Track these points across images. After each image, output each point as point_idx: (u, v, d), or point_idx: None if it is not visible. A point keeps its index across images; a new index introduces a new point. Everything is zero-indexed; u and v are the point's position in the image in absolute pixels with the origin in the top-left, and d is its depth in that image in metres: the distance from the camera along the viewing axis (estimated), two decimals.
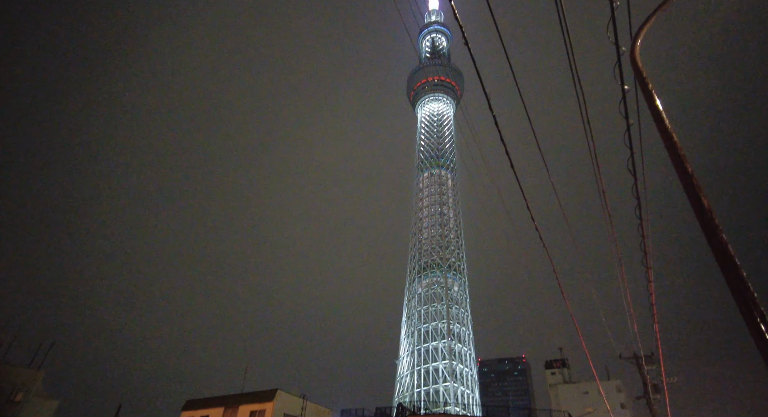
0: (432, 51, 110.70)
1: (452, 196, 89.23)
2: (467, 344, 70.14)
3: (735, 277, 4.47)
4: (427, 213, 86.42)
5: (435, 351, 67.33)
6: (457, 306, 73.37)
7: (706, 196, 5.32)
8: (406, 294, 79.94)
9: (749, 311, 4.03)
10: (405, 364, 70.13)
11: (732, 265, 4.50)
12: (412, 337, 71.50)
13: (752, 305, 4.13)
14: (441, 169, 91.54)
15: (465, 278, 78.88)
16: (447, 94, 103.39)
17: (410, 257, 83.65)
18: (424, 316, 72.34)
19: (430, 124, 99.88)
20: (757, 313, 3.93)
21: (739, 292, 4.27)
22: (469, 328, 73.12)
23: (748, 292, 4.13)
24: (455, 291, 75.45)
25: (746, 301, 4.16)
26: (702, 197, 5.25)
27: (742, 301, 4.27)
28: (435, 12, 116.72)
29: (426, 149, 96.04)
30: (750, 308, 4.07)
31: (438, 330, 69.22)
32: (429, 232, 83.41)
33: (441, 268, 76.45)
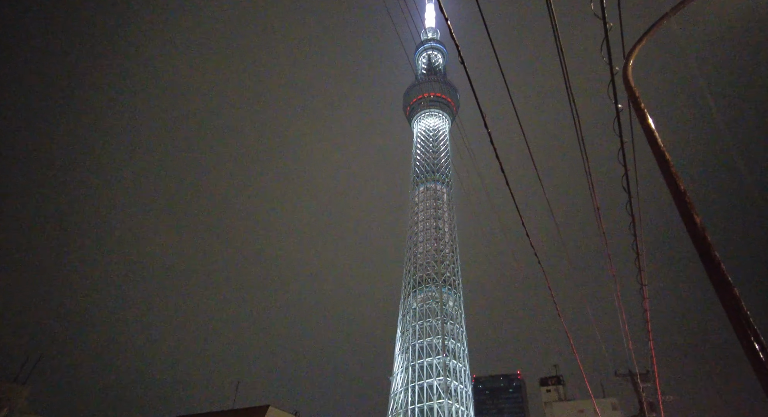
0: (428, 67, 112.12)
1: (447, 210, 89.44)
2: (462, 360, 69.51)
3: (728, 295, 4.49)
4: (422, 227, 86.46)
5: (429, 367, 66.63)
6: (452, 321, 72.91)
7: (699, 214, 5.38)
8: (401, 309, 79.42)
9: (742, 329, 4.04)
10: (399, 380, 69.29)
11: (725, 283, 4.52)
12: (406, 352, 70.80)
13: (745, 323, 4.15)
14: (436, 184, 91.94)
15: (460, 293, 78.57)
16: (443, 109, 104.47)
17: (405, 271, 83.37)
18: (419, 331, 71.76)
19: (425, 139, 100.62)
20: (750, 332, 3.95)
21: (733, 310, 4.29)
22: (464, 344, 72.56)
23: (741, 310, 4.15)
24: (450, 306, 75.05)
25: (739, 318, 4.18)
26: (694, 215, 5.30)
27: (736, 318, 4.28)
28: (431, 30, 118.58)
29: (422, 164, 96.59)
30: (743, 327, 4.09)
31: (433, 346, 68.62)
32: (424, 246, 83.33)
33: (436, 282, 76.19)
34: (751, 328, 3.98)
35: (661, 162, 5.83)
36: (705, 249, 4.98)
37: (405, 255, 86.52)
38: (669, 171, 5.76)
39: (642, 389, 23.05)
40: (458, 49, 5.04)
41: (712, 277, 4.74)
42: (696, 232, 5.18)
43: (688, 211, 5.30)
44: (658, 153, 5.83)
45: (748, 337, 3.93)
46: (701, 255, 5.03)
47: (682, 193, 5.51)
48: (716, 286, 4.65)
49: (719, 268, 4.66)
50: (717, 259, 4.79)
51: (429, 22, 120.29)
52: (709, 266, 4.83)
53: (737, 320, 4.24)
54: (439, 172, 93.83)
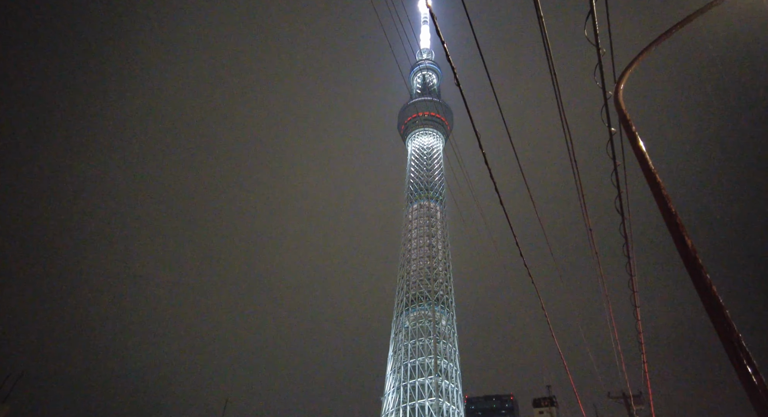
0: (423, 87, 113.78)
1: (441, 228, 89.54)
2: (455, 381, 68.63)
3: (720, 318, 4.52)
4: (415, 245, 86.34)
5: (422, 387, 65.68)
6: (445, 341, 72.23)
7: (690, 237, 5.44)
8: (393, 327, 78.64)
9: (734, 351, 4.06)
10: (390, 400, 68.15)
11: (716, 305, 4.56)
12: (398, 372, 69.84)
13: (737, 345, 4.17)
14: (430, 201, 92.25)
15: (453, 312, 78.06)
16: (437, 128, 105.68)
17: (398, 289, 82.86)
18: (411, 350, 70.95)
19: (419, 156, 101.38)
20: (743, 355, 3.96)
21: (725, 333, 4.31)
22: (457, 364, 71.76)
23: (733, 332, 4.18)
24: (443, 325, 74.47)
25: (731, 341, 4.20)
26: (685, 237, 5.37)
27: (728, 340, 4.31)
28: (426, 51, 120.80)
29: (415, 181, 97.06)
30: (735, 349, 4.11)
31: (425, 365, 67.79)
32: (417, 264, 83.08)
33: (429, 301, 75.72)
34: (743, 351, 4.00)
35: (652, 184, 5.92)
36: (696, 271, 5.03)
37: (398, 273, 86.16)
38: (660, 193, 5.85)
39: (635, 412, 22.85)
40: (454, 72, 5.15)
41: (704, 299, 4.78)
42: (687, 254, 5.24)
43: (679, 232, 5.37)
44: (650, 175, 5.93)
45: (741, 359, 3.95)
46: (692, 276, 5.07)
47: (673, 214, 5.59)
48: (708, 308, 4.69)
49: (710, 290, 4.70)
50: (708, 280, 4.84)
51: (424, 43, 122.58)
52: (700, 287, 4.87)
53: (729, 342, 4.26)
54: (432, 190, 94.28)
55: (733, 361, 4.05)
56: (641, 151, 5.78)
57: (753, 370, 3.84)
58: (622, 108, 6.48)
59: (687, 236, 5.36)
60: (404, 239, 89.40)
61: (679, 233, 5.35)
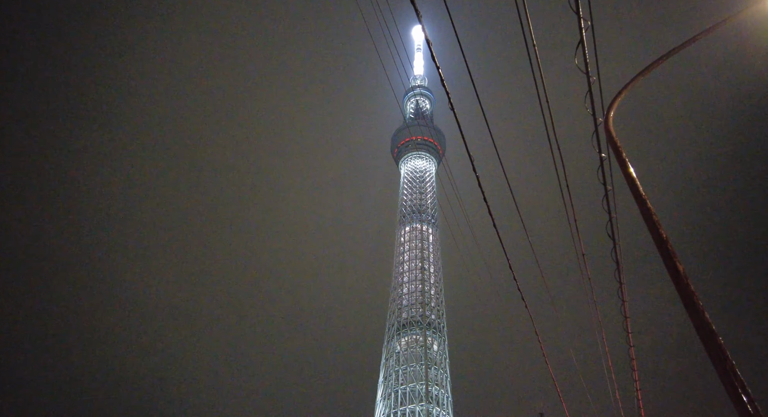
0: (416, 112, 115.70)
1: (434, 251, 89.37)
2: (446, 408, 67.24)
3: (713, 344, 4.50)
4: (407, 268, 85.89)
5: (412, 414, 64.22)
6: (437, 367, 71.10)
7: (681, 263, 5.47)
8: (384, 352, 77.36)
9: (729, 379, 4.03)
10: None
11: (710, 331, 4.54)
12: (388, 399, 68.35)
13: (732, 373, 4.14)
14: (423, 224, 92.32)
15: (445, 337, 77.11)
16: (429, 152, 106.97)
17: (389, 314, 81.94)
18: (402, 376, 69.68)
19: (412, 180, 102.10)
20: (737, 383, 3.93)
21: (718, 359, 4.28)
22: (448, 390, 70.45)
23: (726, 360, 4.15)
24: (435, 351, 73.44)
25: (725, 368, 4.17)
26: (677, 263, 5.39)
27: (721, 368, 4.27)
28: (420, 77, 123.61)
29: (408, 204, 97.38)
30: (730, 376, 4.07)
31: (416, 392, 66.48)
32: (409, 287, 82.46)
33: (421, 325, 74.85)
34: (738, 379, 3.97)
35: (643, 210, 5.98)
36: (688, 297, 5.03)
37: (389, 296, 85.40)
38: (651, 219, 5.90)
39: None
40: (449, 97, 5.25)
41: (696, 325, 4.76)
42: (679, 280, 5.25)
43: (671, 259, 5.40)
44: (640, 201, 6.00)
45: (735, 387, 3.91)
46: (685, 303, 5.07)
47: (664, 240, 5.63)
48: (701, 335, 4.67)
49: (703, 316, 4.69)
50: (700, 307, 4.83)
51: (418, 70, 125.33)
52: (692, 314, 4.86)
53: (723, 369, 4.22)
54: (425, 213, 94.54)
55: (728, 388, 4.01)
56: (631, 177, 5.86)
57: (748, 399, 3.80)
58: (612, 134, 6.59)
59: (679, 263, 5.39)
60: (396, 262, 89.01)
61: (671, 259, 5.38)
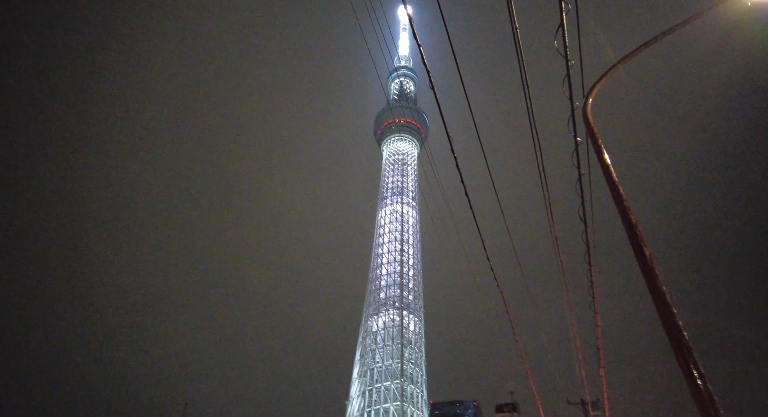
0: (400, 93, 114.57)
1: (413, 234, 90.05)
2: (420, 386, 68.93)
3: (672, 325, 4.72)
4: (386, 249, 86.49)
5: (387, 392, 65.67)
6: (412, 346, 72.52)
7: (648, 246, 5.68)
8: (361, 331, 78.41)
9: (684, 357, 4.25)
10: (355, 405, 67.82)
11: (669, 313, 4.76)
12: (364, 376, 69.62)
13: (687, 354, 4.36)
14: (403, 206, 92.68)
15: (421, 318, 78.49)
16: (412, 134, 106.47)
17: (367, 294, 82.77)
18: (378, 355, 70.90)
19: (394, 162, 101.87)
20: (690, 361, 4.15)
21: (676, 339, 4.50)
22: (423, 369, 72.11)
23: (683, 340, 4.37)
24: (411, 330, 74.76)
25: (681, 347, 4.39)
26: (644, 247, 5.59)
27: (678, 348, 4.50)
28: (404, 58, 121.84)
29: (389, 186, 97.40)
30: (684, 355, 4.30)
31: (391, 370, 67.83)
32: (387, 269, 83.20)
33: (398, 306, 75.90)
34: (692, 357, 4.19)
35: (615, 195, 6.15)
36: (652, 281, 5.25)
37: (368, 277, 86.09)
38: (622, 204, 6.07)
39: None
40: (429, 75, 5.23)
41: (658, 307, 4.98)
42: (645, 265, 5.46)
43: (638, 243, 5.59)
44: (613, 186, 6.16)
45: (689, 365, 4.13)
46: (649, 286, 5.29)
47: (633, 225, 5.81)
48: (661, 316, 4.89)
49: (664, 298, 4.90)
50: (663, 290, 5.05)
51: (402, 51, 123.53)
52: (655, 296, 5.08)
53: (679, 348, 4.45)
54: (406, 195, 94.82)
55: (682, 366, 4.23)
56: (606, 163, 5.99)
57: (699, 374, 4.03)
58: (589, 120, 6.70)
59: (645, 247, 5.58)
60: (376, 243, 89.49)
61: (638, 244, 5.56)
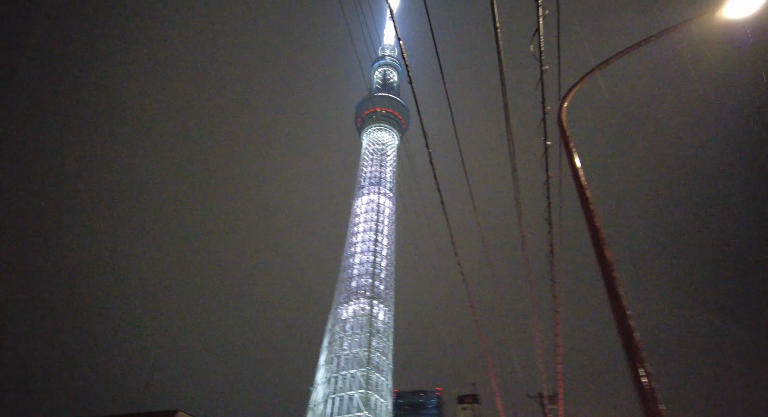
0: (383, 83, 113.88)
1: (388, 225, 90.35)
2: (386, 374, 69.78)
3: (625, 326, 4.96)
4: (361, 238, 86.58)
5: (352, 379, 66.26)
6: (381, 335, 73.19)
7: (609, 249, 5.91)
8: (330, 318, 78.60)
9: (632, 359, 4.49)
10: (320, 391, 68.22)
11: (623, 314, 5.00)
12: (331, 363, 69.98)
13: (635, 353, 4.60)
14: (380, 197, 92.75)
15: (392, 308, 79.18)
16: (393, 125, 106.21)
17: (339, 282, 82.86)
18: (346, 343, 71.33)
19: (373, 152, 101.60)
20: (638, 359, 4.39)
21: (627, 339, 4.74)
22: (390, 359, 72.95)
23: (632, 339, 4.61)
24: (380, 320, 75.38)
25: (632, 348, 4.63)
26: (605, 250, 5.83)
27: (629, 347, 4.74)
28: (389, 47, 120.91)
29: (367, 176, 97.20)
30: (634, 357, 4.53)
31: (358, 358, 68.39)
32: (361, 258, 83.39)
33: (369, 295, 76.32)
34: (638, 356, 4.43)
35: (582, 198, 6.36)
36: (610, 283, 5.50)
37: (341, 265, 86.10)
38: (588, 208, 6.29)
39: (548, 411, 24.36)
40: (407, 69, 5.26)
41: (614, 308, 5.22)
42: (605, 265, 5.70)
43: (599, 245, 5.82)
44: (581, 190, 6.36)
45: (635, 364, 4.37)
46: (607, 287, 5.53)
47: (596, 228, 6.04)
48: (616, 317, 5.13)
49: (620, 300, 5.14)
50: (619, 293, 5.29)
51: (388, 40, 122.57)
52: (612, 297, 5.32)
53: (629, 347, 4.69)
54: (383, 186, 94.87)
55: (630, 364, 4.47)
56: (575, 167, 6.17)
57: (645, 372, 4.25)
58: (563, 124, 6.86)
59: (606, 249, 5.82)
60: (350, 232, 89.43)
61: (600, 246, 5.79)
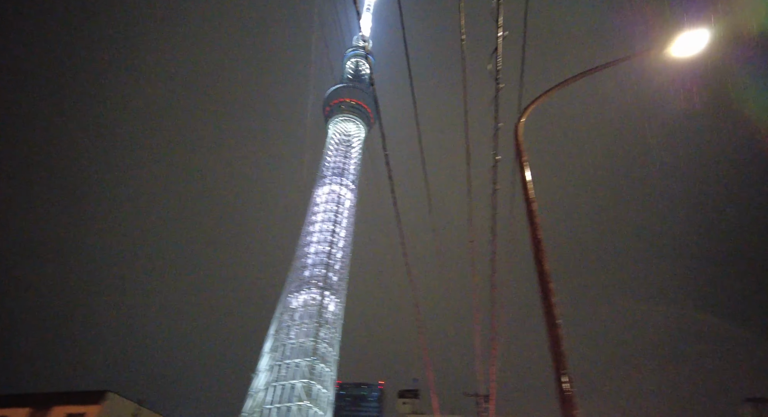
0: (354, 74, 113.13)
1: (348, 217, 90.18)
2: (330, 365, 69.95)
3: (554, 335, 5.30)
4: (318, 228, 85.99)
5: (296, 368, 66.01)
6: (329, 326, 73.20)
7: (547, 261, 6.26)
8: (279, 306, 77.77)
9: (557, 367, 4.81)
10: (262, 378, 67.52)
11: (553, 324, 5.34)
12: (275, 351, 69.36)
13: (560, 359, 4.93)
14: (342, 188, 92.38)
15: (343, 300, 79.28)
16: (361, 118, 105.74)
17: (292, 270, 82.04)
18: (293, 332, 70.88)
19: (339, 142, 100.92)
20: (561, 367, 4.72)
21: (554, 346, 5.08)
22: (336, 350, 73.15)
23: (558, 347, 4.94)
24: (330, 311, 75.35)
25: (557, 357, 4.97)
26: (544, 262, 6.17)
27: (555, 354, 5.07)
28: (365, 38, 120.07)
29: (331, 166, 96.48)
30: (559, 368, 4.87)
31: (304, 348, 68.17)
32: (317, 248, 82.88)
33: (321, 286, 76.07)
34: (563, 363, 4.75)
35: (528, 211, 6.68)
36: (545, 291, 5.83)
37: (295, 253, 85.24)
38: (533, 220, 6.62)
39: (483, 409, 25.36)
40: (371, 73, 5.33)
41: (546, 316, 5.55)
42: (542, 275, 6.05)
43: (539, 257, 6.15)
44: (528, 203, 6.68)
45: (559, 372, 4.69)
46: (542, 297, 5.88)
47: (538, 240, 6.37)
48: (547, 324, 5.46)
49: (552, 309, 5.48)
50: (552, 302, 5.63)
51: (364, 30, 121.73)
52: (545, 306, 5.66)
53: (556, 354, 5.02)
54: (346, 178, 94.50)
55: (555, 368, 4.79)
56: (525, 181, 6.47)
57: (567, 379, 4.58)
58: (519, 140, 7.17)
59: (545, 261, 6.16)
60: (308, 221, 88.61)
61: (539, 258, 6.12)
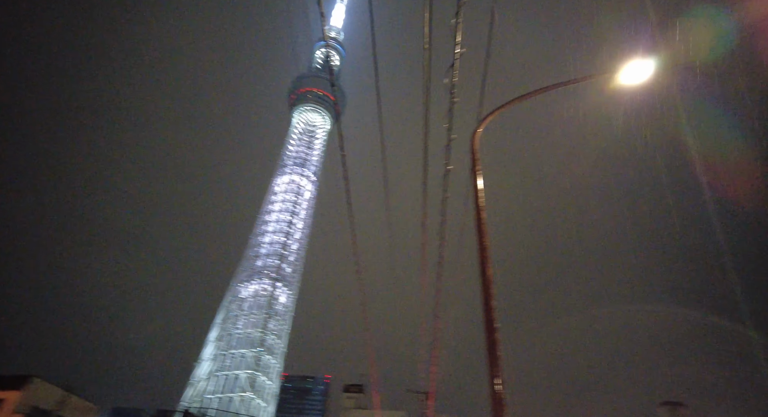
0: (323, 64, 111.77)
1: (306, 209, 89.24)
2: (277, 357, 69.23)
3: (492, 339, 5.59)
4: (275, 218, 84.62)
5: (242, 359, 64.88)
6: (279, 318, 72.36)
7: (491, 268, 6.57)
8: (228, 294, 76.04)
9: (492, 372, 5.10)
10: (205, 367, 65.89)
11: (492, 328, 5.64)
12: (221, 340, 67.84)
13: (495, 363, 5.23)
14: (303, 179, 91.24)
15: (295, 292, 78.52)
16: (327, 109, 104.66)
17: (244, 259, 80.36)
18: (241, 322, 69.54)
19: (302, 132, 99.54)
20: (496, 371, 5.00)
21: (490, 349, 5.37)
22: (285, 342, 72.47)
23: (495, 351, 5.23)
24: (281, 303, 74.49)
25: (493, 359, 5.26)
26: (487, 267, 6.47)
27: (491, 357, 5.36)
28: (336, 29, 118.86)
29: (292, 156, 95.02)
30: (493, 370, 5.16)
31: (251, 338, 67.07)
32: (272, 238, 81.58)
33: (273, 277, 75.00)
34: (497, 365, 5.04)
35: (477, 219, 6.97)
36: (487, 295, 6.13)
37: (249, 241, 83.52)
38: (481, 227, 6.92)
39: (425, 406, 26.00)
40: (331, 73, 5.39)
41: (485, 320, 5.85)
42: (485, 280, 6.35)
43: (484, 262, 6.45)
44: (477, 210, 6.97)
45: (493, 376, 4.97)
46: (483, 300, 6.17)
47: (484, 247, 6.67)
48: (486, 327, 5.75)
49: (491, 314, 5.77)
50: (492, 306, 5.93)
51: (336, 21, 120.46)
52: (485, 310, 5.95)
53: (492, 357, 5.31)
54: (308, 169, 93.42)
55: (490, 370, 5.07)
56: (476, 190, 6.74)
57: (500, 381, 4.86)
58: (474, 150, 7.45)
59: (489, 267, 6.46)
60: (265, 210, 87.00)
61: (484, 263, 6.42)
